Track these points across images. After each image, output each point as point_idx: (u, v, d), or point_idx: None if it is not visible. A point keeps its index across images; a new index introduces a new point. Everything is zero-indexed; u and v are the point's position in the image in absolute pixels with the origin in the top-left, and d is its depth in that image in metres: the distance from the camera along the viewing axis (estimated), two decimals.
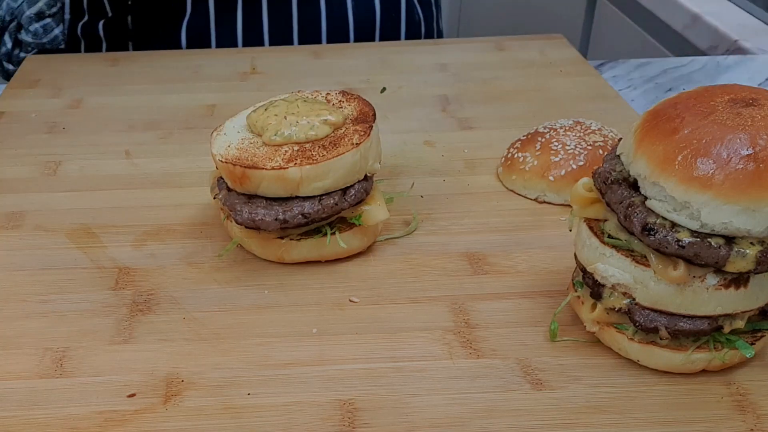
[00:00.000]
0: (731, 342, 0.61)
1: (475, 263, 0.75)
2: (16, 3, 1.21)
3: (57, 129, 1.02)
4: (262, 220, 0.70)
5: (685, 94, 0.61)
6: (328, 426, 0.58)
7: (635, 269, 0.59)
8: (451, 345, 0.66)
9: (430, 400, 0.60)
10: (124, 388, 0.62)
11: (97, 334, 0.67)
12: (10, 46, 1.24)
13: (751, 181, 0.54)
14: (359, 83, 1.12)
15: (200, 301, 0.71)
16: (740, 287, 0.58)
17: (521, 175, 0.86)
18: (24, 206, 0.85)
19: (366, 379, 0.62)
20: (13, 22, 1.23)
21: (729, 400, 0.60)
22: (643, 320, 0.60)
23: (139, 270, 0.75)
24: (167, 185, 0.89)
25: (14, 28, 1.23)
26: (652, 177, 0.57)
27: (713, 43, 1.47)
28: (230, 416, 0.59)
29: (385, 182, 0.87)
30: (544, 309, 0.69)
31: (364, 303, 0.71)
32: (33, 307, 0.70)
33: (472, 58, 1.21)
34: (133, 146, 0.97)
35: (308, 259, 0.75)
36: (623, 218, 0.59)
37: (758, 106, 0.57)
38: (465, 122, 1.02)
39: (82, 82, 1.14)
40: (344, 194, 0.72)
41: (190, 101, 1.08)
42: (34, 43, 1.23)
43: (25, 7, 1.20)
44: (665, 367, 0.62)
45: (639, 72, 1.21)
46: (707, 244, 0.55)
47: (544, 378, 0.62)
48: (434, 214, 0.83)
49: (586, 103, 1.06)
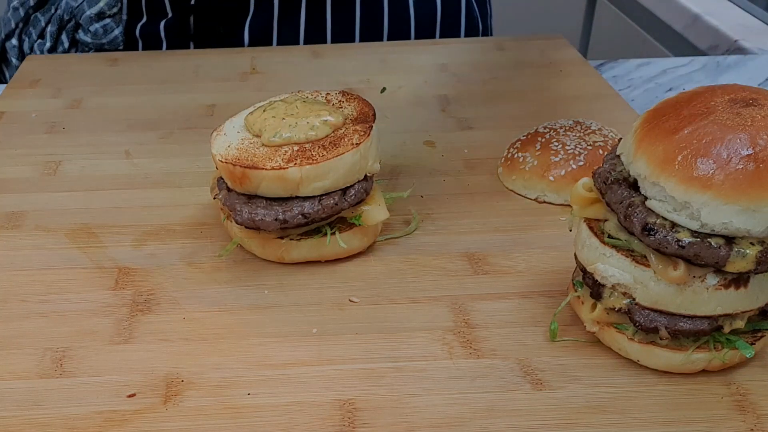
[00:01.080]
0: (731, 342, 0.61)
1: (475, 263, 0.75)
2: (75, 2, 1.20)
3: (57, 129, 1.02)
4: (262, 220, 0.70)
5: (685, 94, 0.61)
6: (328, 426, 0.58)
7: (635, 269, 0.59)
8: (451, 345, 0.66)
9: (430, 400, 0.60)
10: (124, 388, 0.62)
11: (97, 334, 0.67)
12: (67, 46, 1.23)
13: (751, 181, 0.54)
14: (359, 83, 1.12)
15: (200, 301, 0.71)
16: (740, 287, 0.58)
17: (521, 175, 0.86)
18: (24, 206, 0.85)
19: (366, 379, 0.62)
20: (71, 22, 1.22)
21: (729, 400, 0.60)
22: (643, 320, 0.60)
23: (139, 270, 0.75)
24: (167, 185, 0.89)
25: (72, 27, 1.22)
26: (652, 177, 0.57)
27: (713, 43, 1.47)
28: (230, 416, 0.59)
29: (385, 182, 0.87)
30: (544, 309, 0.69)
31: (364, 303, 0.71)
32: (33, 307, 0.70)
33: (472, 58, 1.21)
34: (133, 146, 0.97)
35: (308, 259, 0.75)
36: (623, 218, 0.59)
37: (758, 106, 0.57)
38: (465, 122, 1.02)
39: (82, 82, 1.14)
40: (344, 194, 0.72)
41: (190, 101, 1.08)
42: (93, 44, 1.23)
43: (85, 6, 1.19)
44: (665, 367, 0.62)
45: (639, 72, 1.21)
46: (707, 244, 0.55)
47: (544, 378, 0.62)
48: (434, 214, 0.83)
49: (586, 103, 1.06)
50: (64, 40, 1.22)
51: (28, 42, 1.23)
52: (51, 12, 1.22)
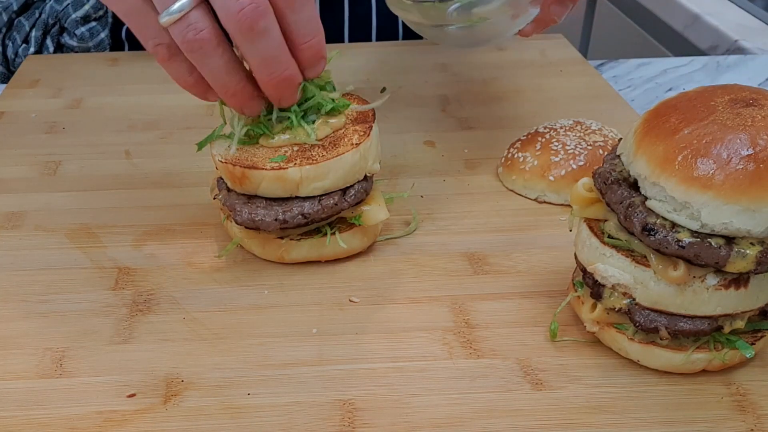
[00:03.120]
0: (731, 342, 0.61)
1: (475, 263, 0.75)
2: (60, 6, 1.19)
3: (57, 129, 1.02)
4: (262, 220, 0.70)
5: (685, 94, 0.61)
6: (328, 426, 0.58)
7: (635, 269, 0.59)
8: (451, 345, 0.66)
9: (430, 400, 0.60)
10: (124, 388, 0.62)
11: (97, 334, 0.67)
12: (52, 51, 1.22)
13: (751, 182, 0.54)
14: (359, 83, 1.12)
15: (200, 301, 0.71)
16: (740, 287, 0.58)
17: (521, 175, 0.86)
18: (24, 206, 0.85)
19: (366, 379, 0.62)
20: (56, 26, 1.21)
21: (729, 400, 0.60)
22: (643, 320, 0.60)
23: (139, 270, 0.75)
24: (167, 185, 0.89)
25: (56, 32, 1.21)
26: (652, 177, 0.57)
27: (713, 43, 1.47)
28: (230, 416, 0.59)
29: (385, 182, 0.87)
30: (544, 309, 0.69)
31: (364, 303, 0.71)
32: (33, 307, 0.70)
33: (472, 58, 1.21)
34: (133, 146, 0.97)
35: (308, 259, 0.75)
36: (623, 218, 0.59)
37: (758, 106, 0.57)
38: (465, 122, 1.02)
39: (82, 82, 1.14)
40: (344, 194, 0.72)
41: (190, 101, 1.07)
42: (78, 47, 1.22)
43: (70, 9, 1.18)
44: (665, 367, 0.62)
45: (639, 72, 1.21)
46: (707, 245, 0.55)
47: (544, 378, 0.62)
48: (434, 214, 0.83)
49: (586, 103, 1.06)
50: (49, 44, 1.22)
51: (12, 47, 1.22)
52: (35, 16, 1.21)
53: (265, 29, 0.62)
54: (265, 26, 0.62)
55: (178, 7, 0.61)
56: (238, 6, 0.61)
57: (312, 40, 0.66)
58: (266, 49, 0.64)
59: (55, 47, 1.23)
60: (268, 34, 0.63)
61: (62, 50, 1.25)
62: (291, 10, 0.64)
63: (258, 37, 0.63)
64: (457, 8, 0.75)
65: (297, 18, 0.64)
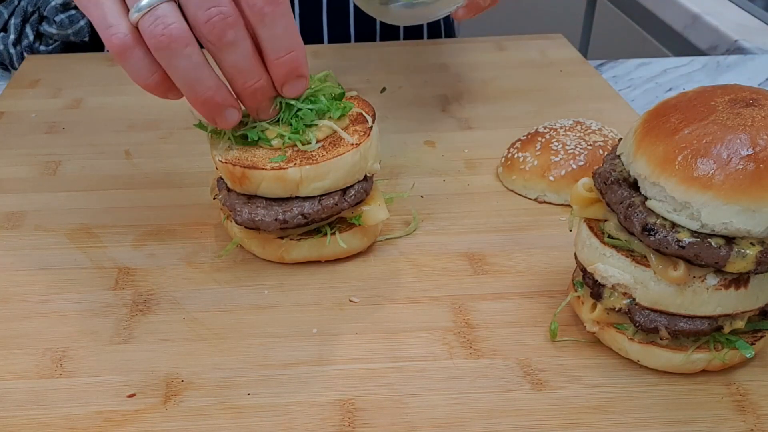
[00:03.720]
0: (731, 342, 0.61)
1: (475, 263, 0.75)
2: None
3: (57, 129, 1.02)
4: (262, 220, 0.70)
5: (685, 94, 0.61)
6: (328, 426, 0.58)
7: (635, 269, 0.59)
8: (451, 345, 0.66)
9: (430, 400, 0.60)
10: (124, 388, 0.62)
11: (97, 334, 0.67)
12: (32, 39, 1.21)
13: (751, 182, 0.54)
14: (359, 83, 1.12)
15: (200, 301, 0.71)
16: (740, 287, 0.58)
17: (521, 175, 0.86)
18: (24, 206, 0.85)
19: (366, 379, 0.62)
20: (34, 14, 1.20)
21: (729, 400, 0.60)
22: (643, 320, 0.60)
23: (139, 270, 0.75)
24: (167, 185, 0.89)
25: (36, 20, 1.20)
26: (652, 177, 0.57)
27: (713, 43, 1.47)
28: (230, 416, 0.59)
29: (385, 182, 0.87)
30: (544, 309, 0.69)
31: (364, 303, 0.71)
32: (33, 307, 0.70)
33: (472, 58, 1.21)
34: (133, 146, 0.97)
35: (308, 259, 0.75)
36: (623, 218, 0.59)
37: (758, 106, 0.57)
38: (465, 122, 1.02)
39: (82, 82, 1.14)
40: (344, 194, 0.72)
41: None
42: (58, 35, 1.20)
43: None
44: (665, 367, 0.62)
45: (639, 72, 1.21)
46: (707, 245, 0.55)
47: (544, 378, 0.62)
48: (434, 214, 0.83)
49: (586, 103, 1.06)
50: (29, 32, 1.20)
51: None
52: (14, 4, 1.20)
53: (234, 41, 0.60)
54: (234, 38, 0.60)
55: (147, 3, 0.59)
56: (206, 16, 0.59)
57: (285, 56, 0.63)
58: (235, 60, 0.62)
59: (34, 36, 1.22)
60: (236, 46, 0.61)
61: (41, 39, 1.24)
62: (262, 24, 0.61)
63: (226, 48, 0.61)
64: None
65: (269, 33, 0.62)
